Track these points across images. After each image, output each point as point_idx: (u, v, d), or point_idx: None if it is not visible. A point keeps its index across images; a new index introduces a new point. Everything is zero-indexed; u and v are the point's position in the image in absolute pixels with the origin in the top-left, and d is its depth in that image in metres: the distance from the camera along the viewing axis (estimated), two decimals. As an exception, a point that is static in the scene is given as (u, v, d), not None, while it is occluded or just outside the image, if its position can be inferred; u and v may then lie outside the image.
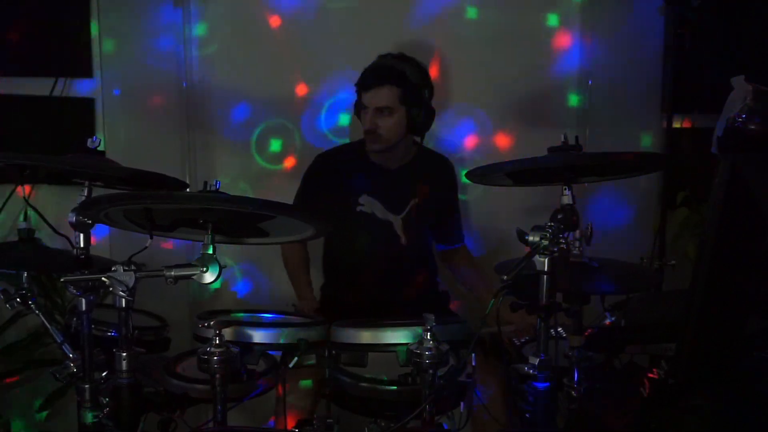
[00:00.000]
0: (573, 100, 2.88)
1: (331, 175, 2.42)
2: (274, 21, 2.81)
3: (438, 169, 2.48)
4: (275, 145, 2.85)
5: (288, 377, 1.77)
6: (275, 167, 2.85)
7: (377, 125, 2.25)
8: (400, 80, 2.24)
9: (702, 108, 2.70)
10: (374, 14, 2.79)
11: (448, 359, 1.54)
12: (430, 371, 1.50)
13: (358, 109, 2.32)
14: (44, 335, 2.57)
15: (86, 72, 2.77)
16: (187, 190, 2.03)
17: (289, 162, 2.84)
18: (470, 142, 2.88)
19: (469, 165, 2.84)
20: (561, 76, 2.87)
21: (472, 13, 2.83)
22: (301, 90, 2.82)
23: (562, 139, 1.71)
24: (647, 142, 2.86)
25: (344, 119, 2.80)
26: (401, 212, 2.38)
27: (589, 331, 1.79)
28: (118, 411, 1.45)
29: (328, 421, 1.63)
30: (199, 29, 2.80)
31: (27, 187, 1.80)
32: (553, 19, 2.86)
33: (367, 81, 2.26)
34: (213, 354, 1.52)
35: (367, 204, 2.37)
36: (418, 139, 2.44)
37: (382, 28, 2.78)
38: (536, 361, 1.45)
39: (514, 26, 2.84)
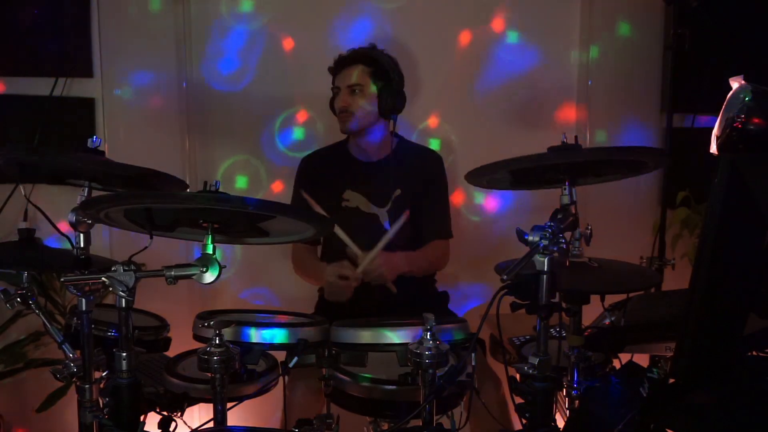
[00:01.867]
0: (573, 99, 2.88)
1: (315, 175, 2.45)
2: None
3: (420, 159, 2.46)
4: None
5: (288, 377, 1.77)
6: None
7: (349, 103, 2.32)
8: (369, 60, 2.33)
9: (702, 108, 2.70)
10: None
11: (448, 359, 1.54)
12: (430, 371, 1.50)
13: (332, 102, 2.39)
14: (44, 335, 2.57)
15: (86, 72, 2.77)
16: (187, 190, 2.03)
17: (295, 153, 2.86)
18: (468, 140, 2.88)
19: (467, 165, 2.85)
20: (561, 76, 2.88)
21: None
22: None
23: (563, 139, 1.71)
24: (647, 141, 2.86)
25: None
26: (385, 205, 2.39)
27: (589, 331, 1.79)
28: (118, 411, 1.45)
29: (327, 420, 1.63)
30: (199, 28, 2.81)
31: (27, 187, 1.79)
32: (554, 22, 2.87)
33: (338, 63, 2.37)
34: (213, 354, 1.52)
35: (352, 199, 2.40)
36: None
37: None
38: (536, 361, 1.45)
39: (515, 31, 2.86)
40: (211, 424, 1.58)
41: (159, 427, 1.67)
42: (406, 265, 2.30)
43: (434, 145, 2.85)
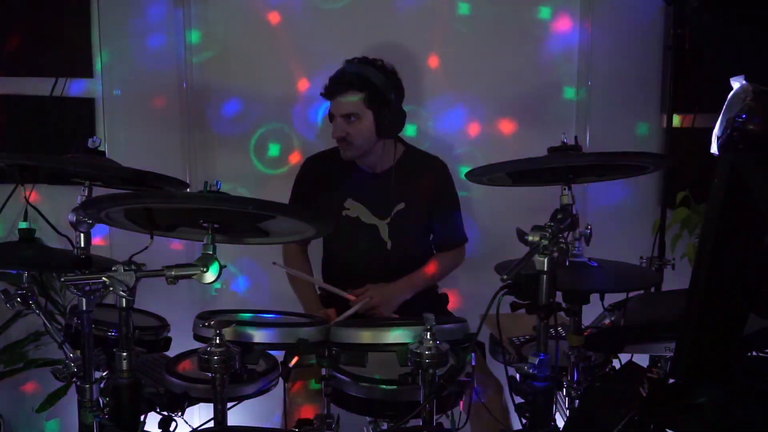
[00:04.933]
0: (573, 100, 2.88)
1: (318, 179, 2.43)
2: (274, 17, 2.81)
3: (426, 170, 2.42)
4: (274, 150, 2.86)
5: (288, 377, 1.77)
6: (275, 171, 2.86)
7: (347, 132, 2.25)
8: (363, 84, 2.22)
9: (702, 108, 2.70)
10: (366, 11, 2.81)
11: (448, 359, 1.54)
12: (430, 371, 1.50)
13: (331, 116, 2.31)
14: (44, 335, 2.57)
15: (86, 72, 2.77)
16: (188, 190, 2.03)
17: (293, 158, 2.86)
18: (469, 141, 2.88)
19: (469, 164, 2.85)
20: (561, 77, 2.88)
21: (464, 8, 2.84)
22: (303, 85, 2.83)
23: (562, 139, 1.72)
24: (647, 141, 2.87)
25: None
26: (386, 217, 2.37)
27: (589, 331, 1.79)
28: (119, 411, 1.45)
29: (328, 420, 1.63)
30: (200, 29, 2.81)
31: (27, 187, 1.79)
32: (556, 22, 2.87)
33: (331, 89, 2.25)
34: (213, 354, 1.52)
35: (353, 208, 2.38)
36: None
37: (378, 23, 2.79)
38: (536, 361, 1.45)
39: (514, 26, 2.86)
40: (211, 424, 1.58)
41: (159, 427, 1.67)
42: (409, 291, 2.32)
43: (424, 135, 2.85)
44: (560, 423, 1.72)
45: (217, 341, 1.53)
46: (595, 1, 2.81)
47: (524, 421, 1.52)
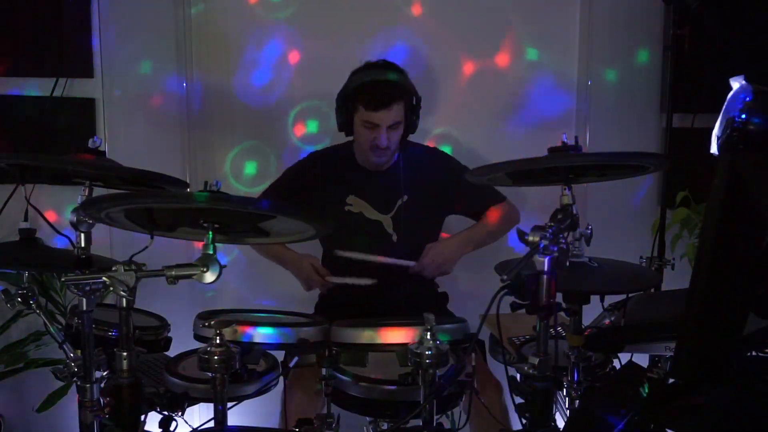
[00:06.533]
0: (573, 100, 2.88)
1: (322, 174, 2.43)
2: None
3: (426, 163, 2.44)
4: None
5: (288, 377, 1.78)
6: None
7: (391, 141, 2.25)
8: (404, 93, 2.25)
9: (702, 108, 2.70)
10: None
11: (448, 359, 1.54)
12: (430, 371, 1.50)
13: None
14: (45, 335, 2.57)
15: (86, 72, 2.77)
16: (188, 190, 2.03)
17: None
18: (469, 139, 2.88)
19: (469, 164, 2.85)
20: (561, 76, 2.88)
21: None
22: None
23: (563, 139, 1.71)
24: (647, 141, 2.87)
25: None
26: (390, 211, 2.38)
27: (589, 331, 1.79)
28: (119, 410, 1.45)
29: (328, 420, 1.63)
30: (201, 28, 2.81)
31: (27, 187, 1.79)
32: (553, 23, 2.87)
33: (379, 100, 2.20)
34: (213, 354, 1.52)
35: (356, 204, 2.38)
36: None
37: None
38: (536, 361, 1.45)
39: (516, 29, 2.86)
40: (211, 424, 1.58)
41: (159, 427, 1.67)
42: (469, 244, 2.39)
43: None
44: (560, 423, 1.72)
45: (217, 341, 1.53)
46: (595, 1, 2.82)
47: (524, 421, 1.52)
